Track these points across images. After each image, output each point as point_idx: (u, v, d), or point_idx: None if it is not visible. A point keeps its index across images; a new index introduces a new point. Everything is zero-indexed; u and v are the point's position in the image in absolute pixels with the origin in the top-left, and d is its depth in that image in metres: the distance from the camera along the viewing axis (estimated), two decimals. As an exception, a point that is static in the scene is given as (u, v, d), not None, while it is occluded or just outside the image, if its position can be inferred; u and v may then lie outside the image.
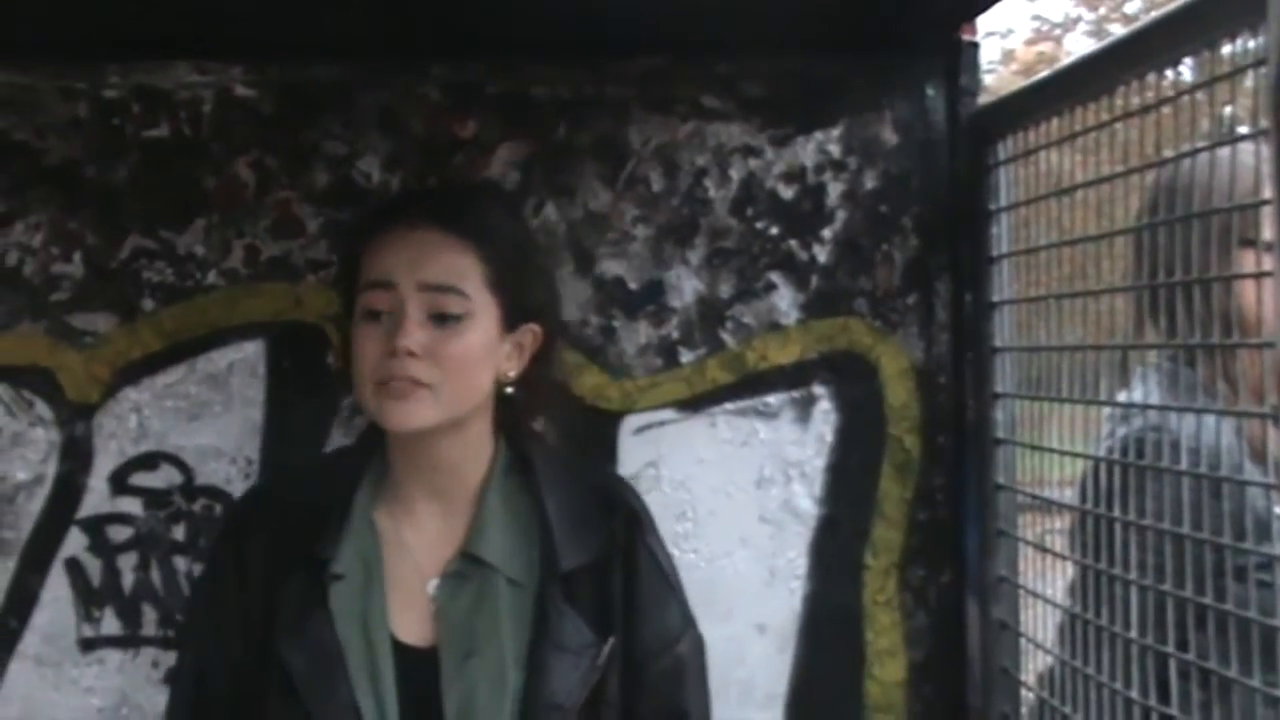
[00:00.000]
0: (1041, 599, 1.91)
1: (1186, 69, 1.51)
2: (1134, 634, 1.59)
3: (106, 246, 2.08)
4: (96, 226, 2.08)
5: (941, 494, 2.14)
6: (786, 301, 2.14)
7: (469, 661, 1.65)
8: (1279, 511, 1.44)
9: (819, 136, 2.15)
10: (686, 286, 2.14)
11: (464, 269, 1.66)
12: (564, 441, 2.00)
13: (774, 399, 2.14)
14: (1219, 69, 1.42)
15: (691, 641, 1.77)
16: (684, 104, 2.14)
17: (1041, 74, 1.97)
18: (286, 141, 2.10)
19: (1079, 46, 13.45)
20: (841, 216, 2.15)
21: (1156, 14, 1.55)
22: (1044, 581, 1.92)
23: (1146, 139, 1.58)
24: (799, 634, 2.13)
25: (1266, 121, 1.28)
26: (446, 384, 1.63)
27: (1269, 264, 1.32)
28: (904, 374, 2.14)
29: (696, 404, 2.14)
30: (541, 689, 1.64)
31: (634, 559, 1.72)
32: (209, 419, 2.09)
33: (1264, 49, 1.29)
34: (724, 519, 2.13)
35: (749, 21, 1.98)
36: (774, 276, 2.14)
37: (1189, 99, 1.49)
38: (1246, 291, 1.46)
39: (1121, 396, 1.80)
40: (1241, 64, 1.37)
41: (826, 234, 2.15)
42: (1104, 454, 1.76)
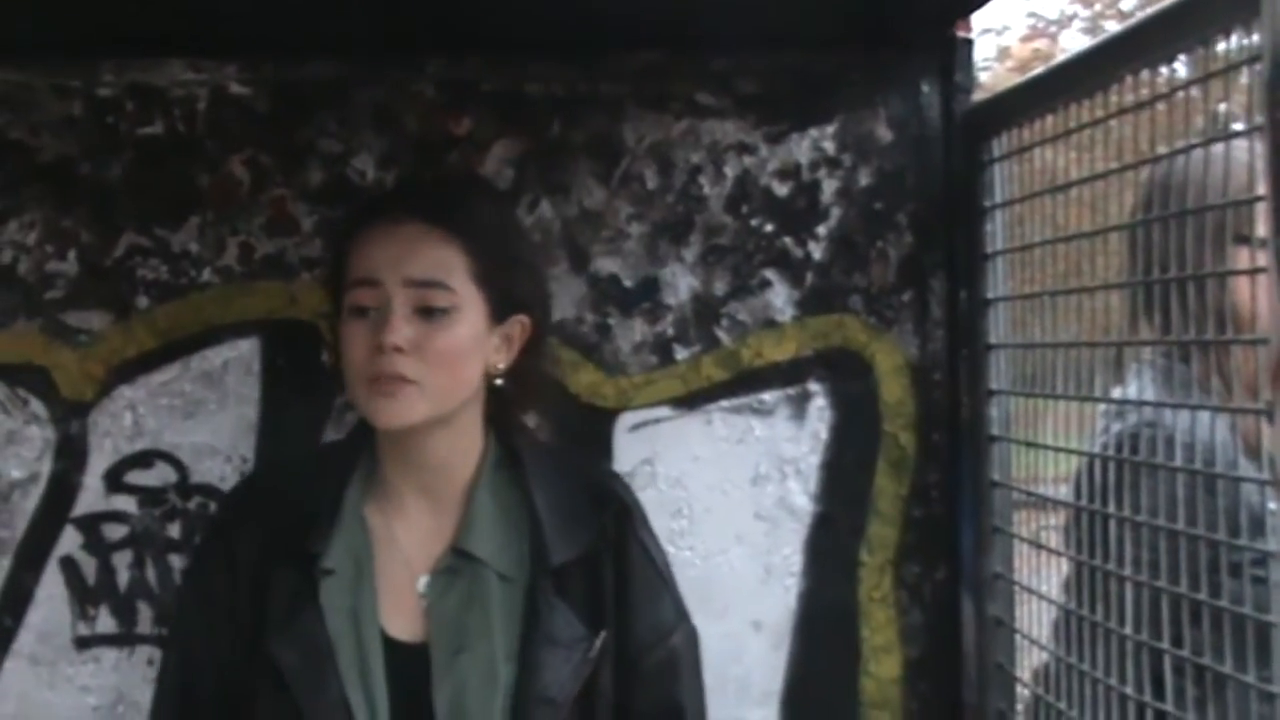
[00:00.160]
0: (1037, 595, 1.91)
1: (1181, 66, 1.51)
2: (1129, 630, 1.59)
3: (101, 244, 2.08)
4: (91, 224, 2.08)
5: (936, 491, 2.14)
6: (781, 299, 2.14)
7: (460, 657, 1.64)
8: (1273, 507, 1.44)
9: (813, 133, 2.15)
10: (681, 284, 2.14)
11: (449, 263, 1.65)
12: (559, 439, 2.00)
13: (769, 396, 2.14)
14: (1213, 66, 1.42)
15: (685, 634, 1.77)
16: (678, 101, 2.13)
17: (1036, 71, 1.97)
18: (281, 139, 2.09)
19: (1074, 43, 13.48)
20: (836, 213, 2.15)
21: (1151, 11, 1.55)
22: (1039, 578, 1.92)
23: (1141, 136, 1.58)
24: (795, 631, 2.13)
25: (1260, 118, 1.28)
26: (434, 379, 1.63)
27: (1263, 260, 1.31)
28: (899, 371, 2.14)
29: (692, 401, 2.14)
30: (533, 683, 1.64)
31: (625, 552, 1.72)
32: (204, 417, 2.09)
33: (1258, 45, 1.29)
34: (719, 516, 2.13)
35: (744, 18, 1.98)
36: (769, 274, 2.14)
37: (1183, 95, 1.49)
38: (1241, 288, 1.46)
39: (1116, 393, 1.81)
40: (1236, 60, 1.37)
41: (821, 231, 2.15)
42: (1099, 450, 1.76)
